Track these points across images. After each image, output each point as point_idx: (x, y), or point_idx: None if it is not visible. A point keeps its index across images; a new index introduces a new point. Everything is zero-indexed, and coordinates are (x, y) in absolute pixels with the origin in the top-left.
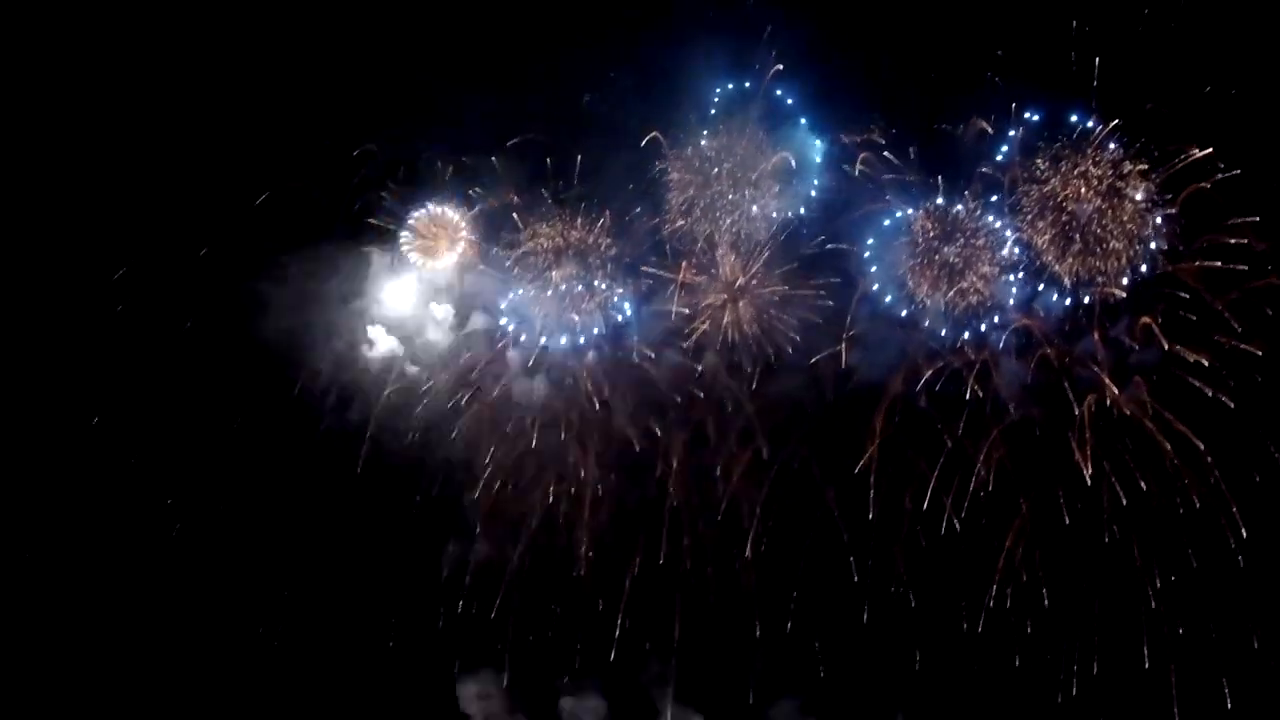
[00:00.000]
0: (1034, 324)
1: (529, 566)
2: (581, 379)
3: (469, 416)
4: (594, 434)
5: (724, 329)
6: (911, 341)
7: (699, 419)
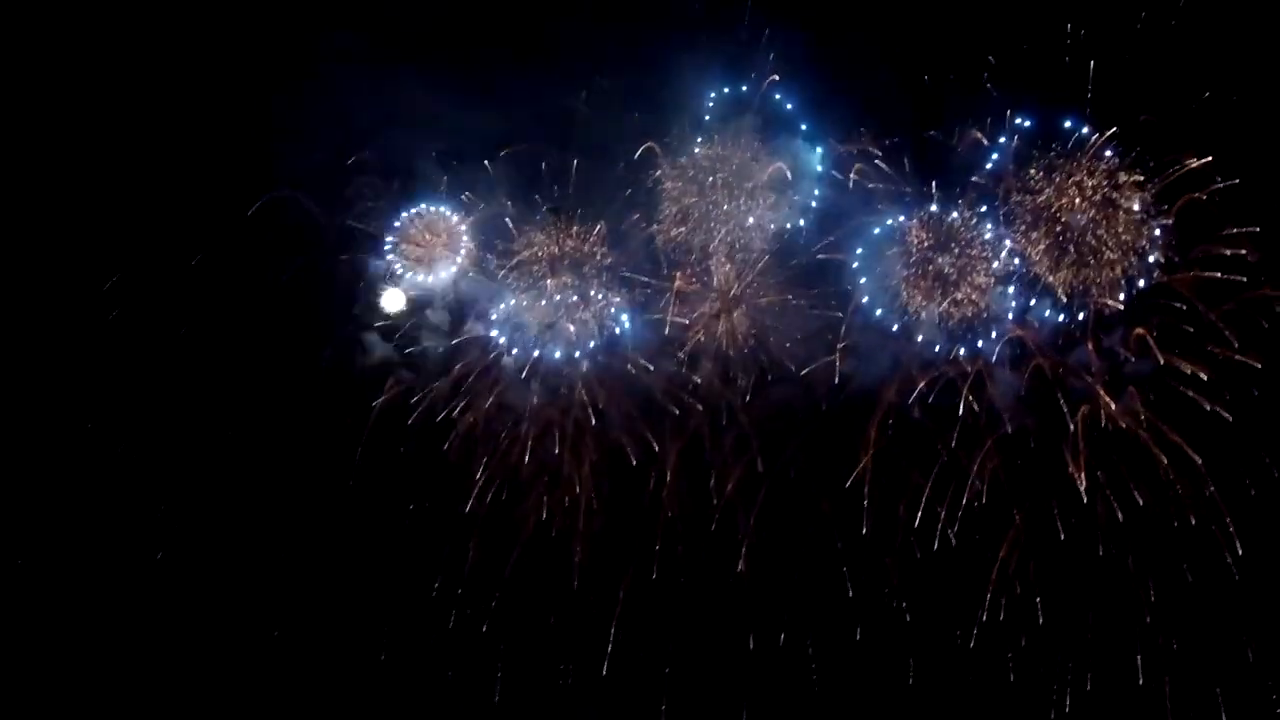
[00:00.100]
0: (1028, 335)
1: (522, 578)
2: (576, 388)
3: (462, 426)
4: (588, 444)
5: (719, 339)
6: (906, 352)
7: (693, 429)
